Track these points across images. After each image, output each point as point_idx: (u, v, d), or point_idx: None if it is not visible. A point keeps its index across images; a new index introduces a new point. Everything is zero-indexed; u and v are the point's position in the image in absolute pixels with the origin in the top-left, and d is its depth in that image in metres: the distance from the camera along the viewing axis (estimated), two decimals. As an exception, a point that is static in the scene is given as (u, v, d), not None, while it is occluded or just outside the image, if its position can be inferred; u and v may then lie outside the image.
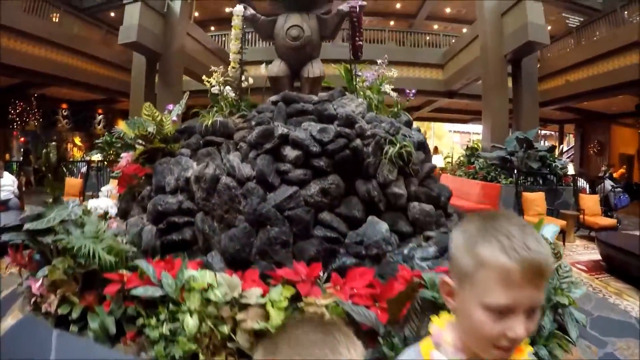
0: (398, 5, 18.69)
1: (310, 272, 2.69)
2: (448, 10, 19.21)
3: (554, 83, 13.87)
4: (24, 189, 13.42)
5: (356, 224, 3.55)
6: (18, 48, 10.96)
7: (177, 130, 4.40)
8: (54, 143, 17.55)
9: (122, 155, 4.57)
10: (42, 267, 3.34)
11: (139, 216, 4.01)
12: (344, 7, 4.62)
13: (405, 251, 3.52)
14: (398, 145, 3.67)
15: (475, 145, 12.53)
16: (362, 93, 4.78)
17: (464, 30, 19.30)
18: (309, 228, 3.40)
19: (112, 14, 17.96)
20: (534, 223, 3.37)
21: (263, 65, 4.89)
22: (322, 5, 4.82)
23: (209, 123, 4.06)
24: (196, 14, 12.86)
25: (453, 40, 16.62)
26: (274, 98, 4.30)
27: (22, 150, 16.29)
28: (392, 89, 4.95)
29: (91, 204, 3.71)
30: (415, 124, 5.01)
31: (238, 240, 3.27)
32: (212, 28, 20.31)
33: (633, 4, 11.68)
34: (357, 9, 4.54)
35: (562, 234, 6.94)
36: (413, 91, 4.93)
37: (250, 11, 4.79)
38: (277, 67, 4.68)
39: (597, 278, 5.47)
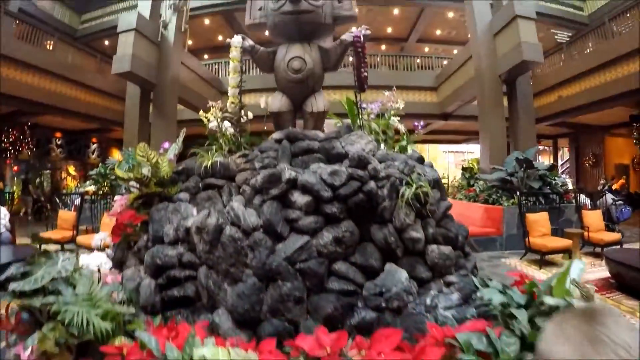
0: (389, 30, 18.63)
1: (335, 344, 2.33)
2: (438, 32, 19.16)
3: (547, 99, 13.76)
4: (12, 215, 13.00)
5: (373, 274, 3.22)
6: (11, 76, 10.63)
7: (174, 171, 4.05)
8: (48, 171, 17.13)
9: (116, 198, 4.21)
10: (32, 328, 2.99)
11: (135, 268, 3.64)
12: (347, 36, 4.33)
13: (428, 301, 3.19)
14: (414, 186, 3.36)
15: (471, 165, 12.29)
16: (368, 126, 4.47)
17: (455, 51, 19.32)
18: (323, 281, 3.06)
19: (107, 42, 17.74)
20: (564, 270, 3.08)
21: (262, 99, 4.57)
22: (323, 34, 4.52)
23: (209, 164, 3.73)
24: (190, 42, 12.65)
25: (445, 62, 16.57)
26: (277, 136, 3.97)
27: (15, 178, 15.82)
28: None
29: (83, 260, 3.34)
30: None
31: (247, 298, 2.92)
32: (206, 56, 20.16)
33: (620, 16, 11.62)
34: (361, 38, 4.24)
35: (569, 254, 6.73)
36: (422, 123, 4.65)
37: (249, 42, 4.48)
38: (279, 102, 4.35)
39: (608, 297, 5.18)
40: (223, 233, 3.14)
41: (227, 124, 4.38)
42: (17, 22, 11.53)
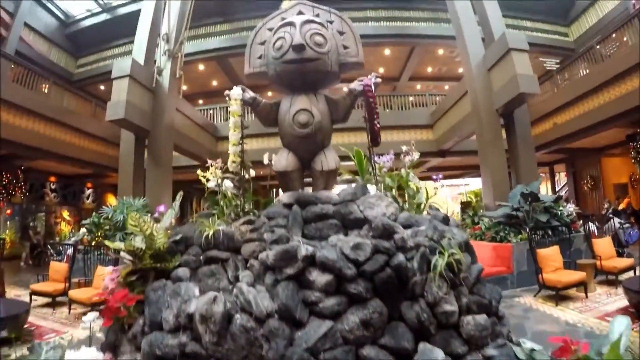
0: (381, 70, 18.46)
1: None
2: (429, 69, 19.06)
3: (542, 127, 13.47)
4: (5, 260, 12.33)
5: (406, 356, 2.71)
6: (5, 119, 10.11)
7: (172, 241, 3.54)
8: (42, 214, 16.49)
9: (107, 269, 3.69)
10: None
11: (131, 355, 3.10)
12: (356, 85, 3.92)
13: (469, 384, 2.70)
14: (446, 254, 2.90)
15: (469, 198, 11.86)
16: (384, 184, 4.00)
17: (446, 87, 19.23)
18: (351, 371, 2.56)
19: (102, 87, 17.46)
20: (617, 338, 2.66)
21: (265, 156, 4.12)
22: (329, 83, 4.12)
23: (210, 234, 3.24)
24: (184, 87, 12.31)
25: (437, 98, 16.38)
26: (285, 200, 3.48)
27: (8, 222, 15.14)
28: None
29: (69, 357, 2.81)
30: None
31: (264, 401, 2.40)
32: (201, 101, 19.95)
33: (608, 38, 11.56)
34: (372, 87, 3.83)
35: (584, 287, 6.31)
36: (439, 175, 4.23)
37: (250, 94, 4.04)
38: (285, 160, 3.87)
39: (633, 329, 4.72)
40: (232, 322, 2.64)
41: (227, 183, 3.92)
42: (13, 64, 11.19)
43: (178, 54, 10.48)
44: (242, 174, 3.85)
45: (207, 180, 4.05)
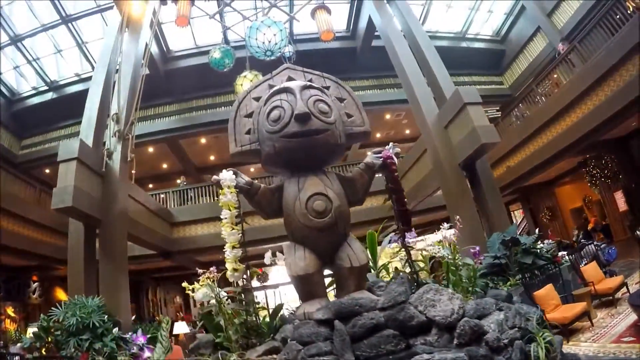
0: (332, 140, 18.42)
1: None
2: (378, 135, 19.01)
3: (496, 172, 13.31)
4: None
5: None
6: None
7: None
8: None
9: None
10: None
11: None
12: (373, 159, 3.20)
13: None
14: (542, 341, 2.32)
15: (433, 254, 11.33)
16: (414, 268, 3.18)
17: (395, 150, 19.30)
18: None
19: (47, 170, 15.70)
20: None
21: (267, 254, 3.17)
22: (337, 158, 3.36)
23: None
24: (133, 170, 11.14)
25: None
26: (319, 314, 2.49)
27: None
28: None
29: None
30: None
31: None
32: (151, 185, 18.61)
33: (545, 80, 12.10)
34: (395, 159, 3.10)
35: (588, 315, 5.96)
36: (477, 248, 3.55)
37: (244, 178, 3.14)
38: (303, 261, 2.91)
39: None
40: None
41: (223, 295, 2.91)
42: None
43: (129, 135, 9.37)
44: (244, 281, 2.87)
45: (193, 290, 3.04)
